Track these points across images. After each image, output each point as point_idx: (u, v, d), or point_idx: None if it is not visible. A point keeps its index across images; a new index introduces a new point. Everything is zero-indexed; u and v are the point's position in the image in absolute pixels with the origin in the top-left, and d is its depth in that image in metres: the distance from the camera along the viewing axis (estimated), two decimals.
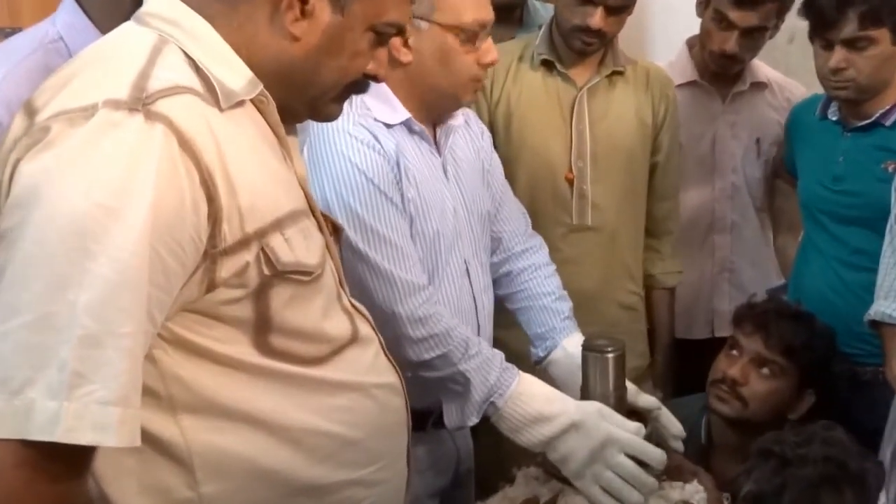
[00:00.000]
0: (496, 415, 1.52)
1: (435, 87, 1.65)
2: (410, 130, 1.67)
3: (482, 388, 1.52)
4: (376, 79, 1.22)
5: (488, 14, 1.63)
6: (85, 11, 1.54)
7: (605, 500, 1.43)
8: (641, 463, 1.45)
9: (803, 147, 2.35)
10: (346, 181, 1.57)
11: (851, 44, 2.06)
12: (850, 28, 2.05)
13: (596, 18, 2.11)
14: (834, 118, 2.24)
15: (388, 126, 1.64)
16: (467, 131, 1.82)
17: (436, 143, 1.73)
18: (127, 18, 1.14)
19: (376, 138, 1.61)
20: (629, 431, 1.46)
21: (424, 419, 1.59)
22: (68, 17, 1.54)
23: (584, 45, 2.18)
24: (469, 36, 1.60)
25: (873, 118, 2.15)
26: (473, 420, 1.55)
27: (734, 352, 2.03)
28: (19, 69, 1.50)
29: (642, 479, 1.43)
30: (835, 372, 2.11)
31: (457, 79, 1.64)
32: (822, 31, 2.10)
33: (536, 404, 1.49)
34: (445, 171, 1.73)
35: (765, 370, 1.99)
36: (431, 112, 1.69)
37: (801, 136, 2.37)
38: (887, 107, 2.14)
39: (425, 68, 1.62)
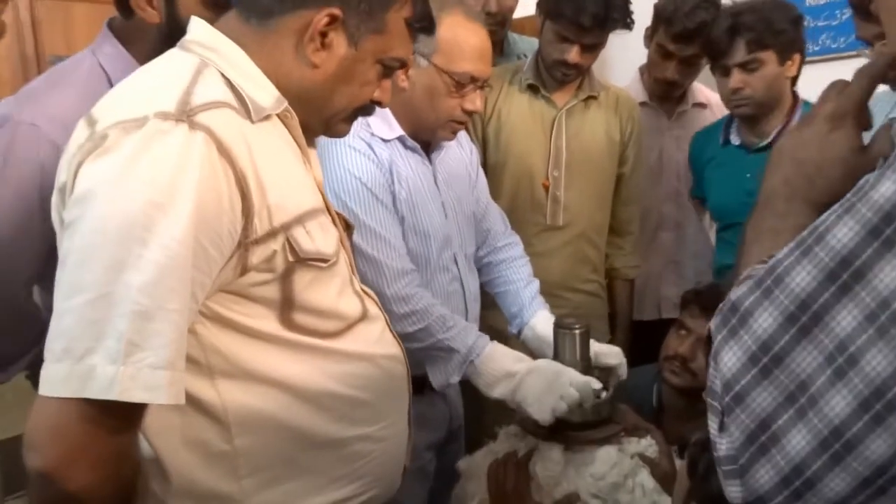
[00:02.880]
0: (474, 372, 1.54)
1: (419, 117, 1.64)
2: (404, 145, 1.67)
3: (463, 348, 1.54)
4: (381, 104, 1.21)
5: (483, 71, 1.61)
6: (121, 42, 1.53)
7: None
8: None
9: (711, 171, 2.35)
10: (345, 186, 1.58)
11: (744, 66, 2.11)
12: (740, 53, 2.10)
13: (573, 54, 2.13)
14: (736, 143, 2.26)
15: (385, 140, 1.64)
16: (458, 148, 1.83)
17: (428, 156, 1.72)
18: (155, 48, 1.14)
19: (372, 149, 1.61)
20: (579, 379, 1.46)
21: (422, 384, 1.59)
22: (107, 48, 1.53)
23: (563, 76, 2.20)
24: (458, 84, 1.59)
25: (771, 138, 2.16)
26: (455, 378, 1.56)
27: (682, 332, 2.03)
28: (71, 95, 1.48)
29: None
30: None
31: (438, 116, 1.63)
32: (718, 59, 2.14)
33: (506, 363, 1.52)
34: (436, 179, 1.73)
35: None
36: (416, 135, 1.68)
37: (706, 161, 2.37)
38: (780, 126, 2.17)
39: (415, 99, 1.61)
